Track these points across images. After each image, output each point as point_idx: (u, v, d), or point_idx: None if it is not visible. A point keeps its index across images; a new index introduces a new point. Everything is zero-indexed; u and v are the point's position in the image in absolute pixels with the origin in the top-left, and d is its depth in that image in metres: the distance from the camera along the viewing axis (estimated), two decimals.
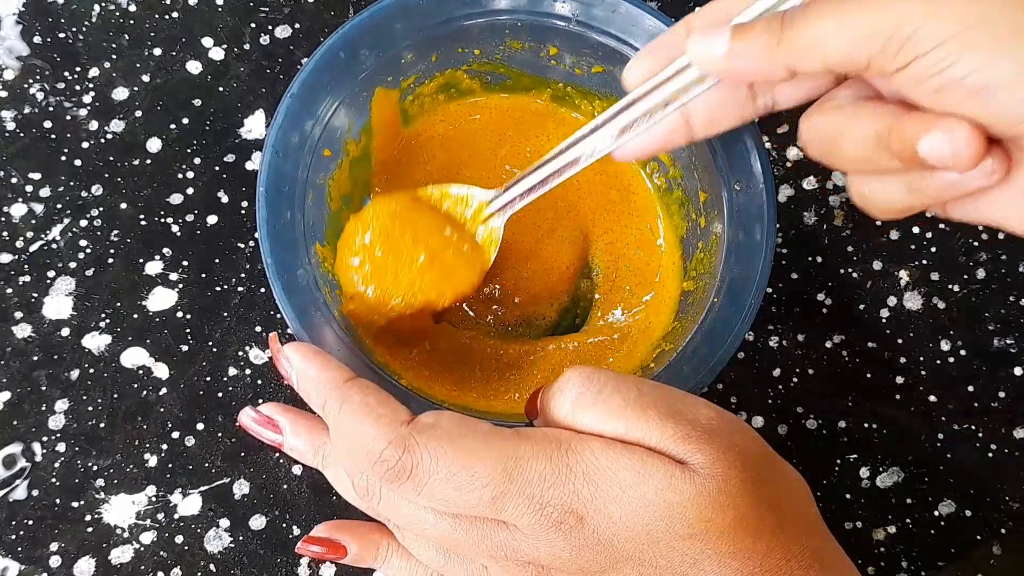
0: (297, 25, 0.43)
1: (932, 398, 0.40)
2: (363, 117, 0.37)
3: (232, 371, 0.39)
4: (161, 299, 0.39)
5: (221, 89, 0.42)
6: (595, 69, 0.38)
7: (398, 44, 0.35)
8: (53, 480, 0.37)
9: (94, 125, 0.41)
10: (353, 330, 0.34)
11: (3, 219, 0.40)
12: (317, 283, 0.33)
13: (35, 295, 0.39)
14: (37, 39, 0.43)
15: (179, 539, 0.37)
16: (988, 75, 0.23)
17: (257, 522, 0.37)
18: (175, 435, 0.38)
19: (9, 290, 0.39)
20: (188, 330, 0.39)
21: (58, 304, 0.39)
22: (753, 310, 0.33)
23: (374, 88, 0.36)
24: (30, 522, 0.37)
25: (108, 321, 0.39)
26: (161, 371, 0.39)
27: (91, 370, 0.38)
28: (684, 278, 0.37)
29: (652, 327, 0.38)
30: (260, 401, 0.38)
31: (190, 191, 0.41)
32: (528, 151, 0.40)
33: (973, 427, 0.40)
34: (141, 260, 0.40)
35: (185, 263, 0.40)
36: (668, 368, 0.33)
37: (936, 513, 0.39)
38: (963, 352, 0.40)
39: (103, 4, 0.43)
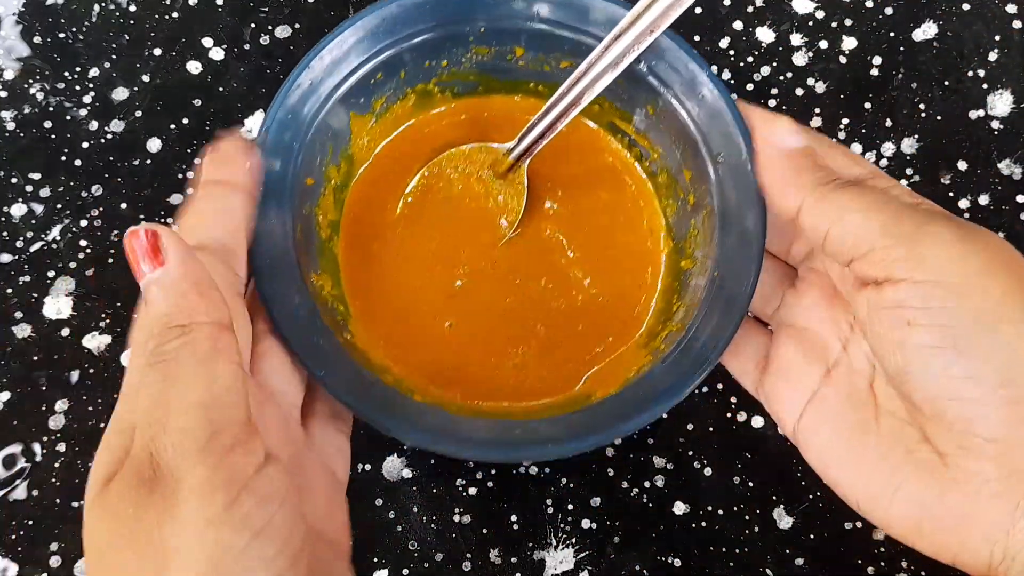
0: (297, 25, 0.43)
1: None
2: (341, 143, 0.37)
3: None
4: None
5: (221, 89, 0.42)
6: (563, 64, 0.38)
7: (363, 65, 0.35)
8: (53, 480, 0.37)
9: (94, 125, 0.41)
10: (360, 354, 0.34)
11: (3, 219, 0.40)
12: (317, 312, 0.32)
13: (35, 295, 0.39)
14: (37, 39, 0.43)
15: None
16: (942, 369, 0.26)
17: None
18: None
19: (9, 290, 0.39)
20: None
21: (58, 304, 0.39)
22: (759, 263, 0.33)
23: (348, 112, 0.36)
24: (30, 522, 0.37)
25: (108, 321, 0.39)
26: None
27: (91, 370, 0.38)
28: (681, 257, 0.37)
29: (645, 309, 0.38)
30: None
31: (190, 191, 0.41)
32: (500, 139, 0.39)
33: None
34: None
35: None
36: (683, 345, 0.33)
37: None
38: None
39: (103, 4, 0.43)
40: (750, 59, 0.44)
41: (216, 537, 0.22)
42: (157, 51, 0.42)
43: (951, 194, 0.42)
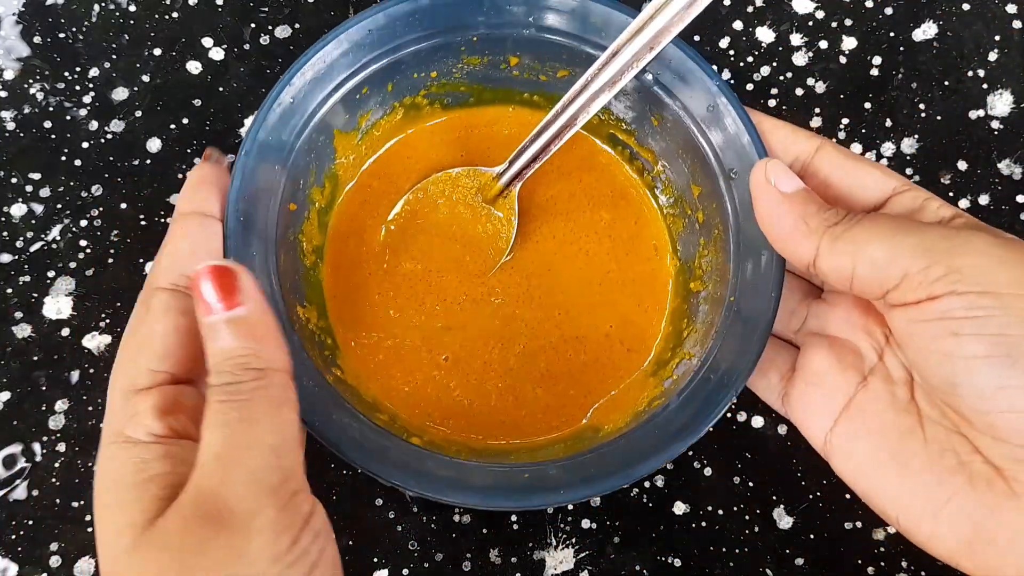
0: (297, 25, 0.43)
1: None
2: (325, 162, 0.35)
3: None
4: None
5: (221, 89, 0.42)
6: (560, 73, 0.36)
7: (348, 80, 0.34)
8: (53, 480, 0.37)
9: (94, 125, 0.41)
10: (351, 391, 0.33)
11: (3, 219, 0.40)
12: (304, 349, 0.31)
13: (35, 295, 0.39)
14: (37, 39, 0.42)
15: None
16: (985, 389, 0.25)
17: None
18: None
19: (9, 290, 0.39)
20: None
21: (58, 304, 0.39)
22: (779, 288, 0.31)
23: (332, 130, 0.34)
24: (30, 522, 0.37)
25: (108, 321, 0.39)
26: None
27: (91, 370, 0.38)
28: (690, 278, 0.36)
29: (653, 334, 0.36)
30: None
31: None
32: (492, 154, 0.38)
33: None
34: (141, 260, 0.40)
35: None
36: (699, 377, 0.31)
37: None
38: None
39: (103, 4, 0.43)
40: (750, 59, 0.44)
41: (280, 573, 0.23)
42: (157, 51, 0.42)
43: (951, 194, 0.42)
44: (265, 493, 0.23)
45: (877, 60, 0.44)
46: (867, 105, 0.43)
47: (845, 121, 0.43)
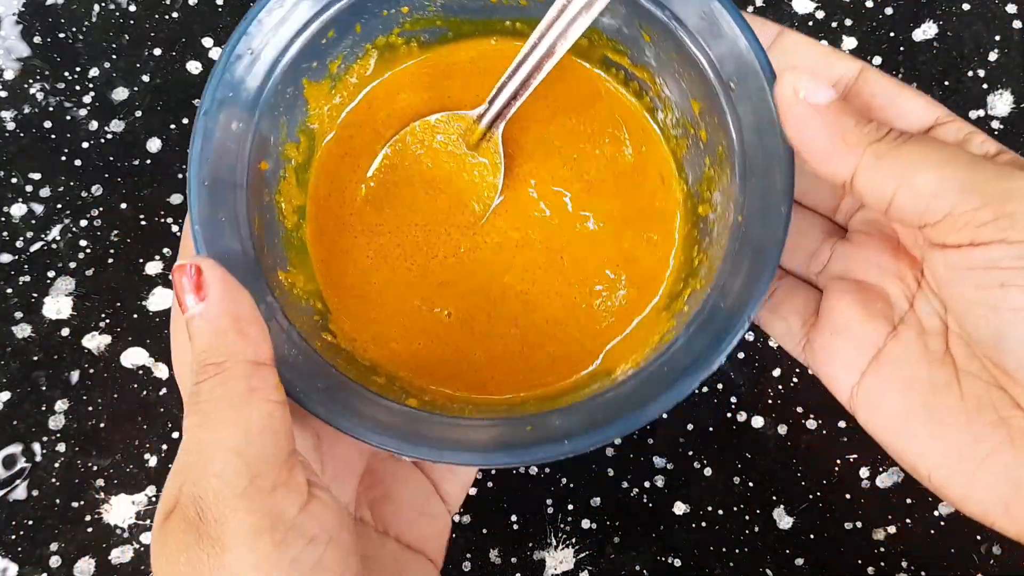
0: None
1: None
2: (297, 116, 0.33)
3: None
4: (161, 299, 0.39)
5: None
6: None
7: (310, 23, 0.31)
8: (53, 480, 0.37)
9: (94, 125, 0.41)
10: (345, 356, 0.31)
11: (3, 219, 0.40)
12: (287, 316, 0.29)
13: (35, 295, 0.39)
14: (37, 39, 0.43)
15: None
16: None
17: None
18: (175, 435, 0.38)
19: (9, 290, 0.39)
20: None
21: (58, 304, 0.39)
22: (789, 202, 0.28)
23: (301, 80, 0.32)
24: (30, 522, 0.37)
25: (108, 321, 0.39)
26: (161, 371, 0.39)
27: (91, 370, 0.38)
28: (698, 202, 0.34)
29: (663, 267, 0.34)
30: None
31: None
32: (481, 91, 0.35)
33: None
34: (141, 260, 0.40)
35: None
36: (708, 307, 0.29)
37: (936, 513, 0.39)
38: None
39: (103, 4, 0.43)
40: None
41: None
42: (157, 51, 0.42)
43: None
44: (233, 497, 0.23)
45: (877, 60, 0.44)
46: None
47: None
